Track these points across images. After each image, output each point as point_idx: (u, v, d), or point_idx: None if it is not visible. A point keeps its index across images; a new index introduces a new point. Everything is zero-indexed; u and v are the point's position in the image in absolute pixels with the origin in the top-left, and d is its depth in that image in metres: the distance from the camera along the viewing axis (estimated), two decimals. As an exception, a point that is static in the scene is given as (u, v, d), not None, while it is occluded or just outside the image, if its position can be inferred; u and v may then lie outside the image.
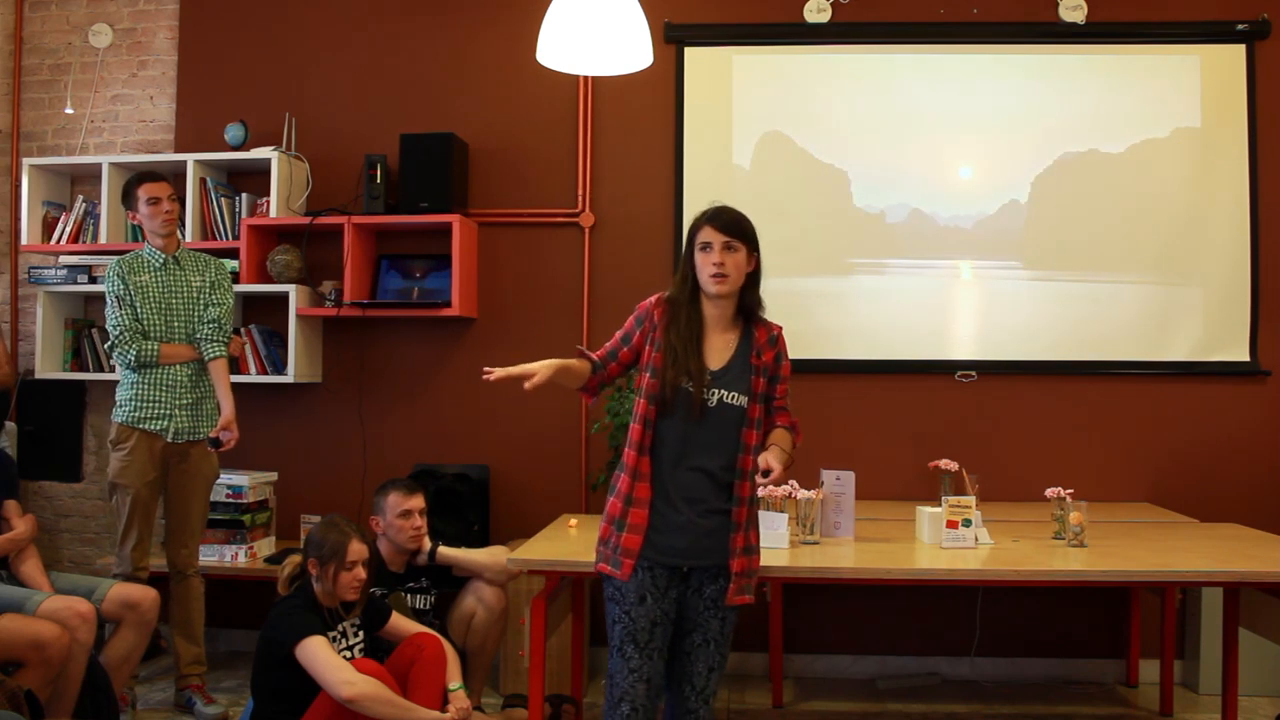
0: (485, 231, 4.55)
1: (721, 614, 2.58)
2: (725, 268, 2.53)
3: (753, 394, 2.55)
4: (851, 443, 4.34)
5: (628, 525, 2.52)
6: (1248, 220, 4.33)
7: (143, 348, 3.63)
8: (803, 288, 4.46)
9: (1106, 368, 4.37)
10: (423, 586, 3.50)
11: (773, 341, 2.61)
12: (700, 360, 2.53)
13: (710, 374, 2.52)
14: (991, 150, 4.42)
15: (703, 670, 2.57)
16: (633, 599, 2.51)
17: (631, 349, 2.62)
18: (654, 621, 2.51)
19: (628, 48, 3.05)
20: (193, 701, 3.70)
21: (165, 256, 3.74)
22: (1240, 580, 3.17)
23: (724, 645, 2.59)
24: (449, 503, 4.16)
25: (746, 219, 2.61)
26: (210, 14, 4.68)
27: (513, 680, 3.92)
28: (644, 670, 2.51)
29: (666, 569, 2.52)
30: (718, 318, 2.59)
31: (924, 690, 4.20)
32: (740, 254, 2.56)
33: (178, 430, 3.67)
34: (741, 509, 2.56)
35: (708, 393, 2.51)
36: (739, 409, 2.53)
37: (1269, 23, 4.34)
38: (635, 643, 2.51)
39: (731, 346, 2.58)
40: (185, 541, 3.75)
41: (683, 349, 2.51)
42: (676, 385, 2.50)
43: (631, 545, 2.51)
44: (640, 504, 2.52)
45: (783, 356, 2.63)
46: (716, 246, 2.54)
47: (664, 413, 2.52)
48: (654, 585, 2.51)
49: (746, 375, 2.55)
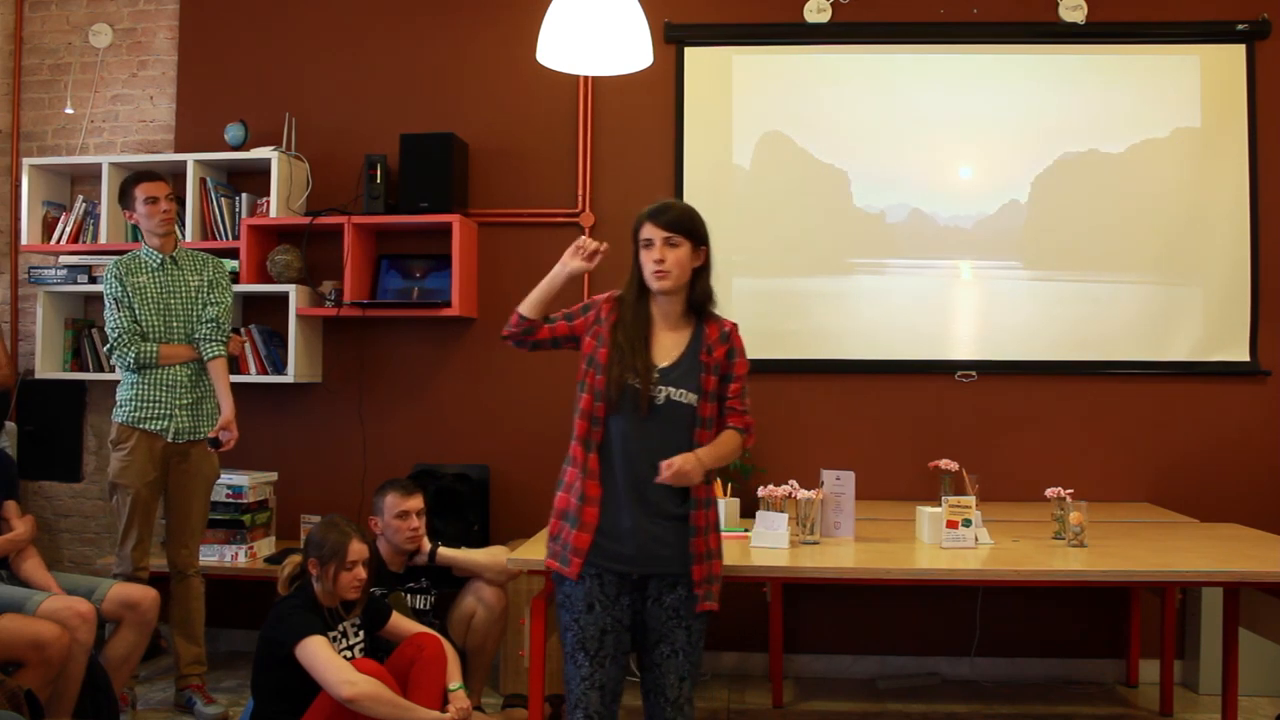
0: (485, 231, 4.55)
1: (687, 623, 2.52)
2: (666, 264, 2.48)
3: (703, 391, 2.50)
4: (851, 443, 4.34)
5: (580, 523, 2.48)
6: (1248, 220, 4.33)
7: (141, 349, 3.63)
8: (803, 288, 4.47)
9: (1106, 368, 4.37)
10: (423, 586, 3.50)
11: (724, 337, 2.56)
12: (647, 357, 2.49)
13: (658, 371, 2.49)
14: (991, 150, 4.42)
15: (674, 681, 2.52)
16: (581, 607, 2.48)
17: (570, 327, 2.59)
18: (603, 629, 2.47)
19: (628, 48, 3.05)
20: (193, 701, 3.69)
21: (163, 256, 3.74)
22: (1240, 580, 3.17)
23: (694, 654, 2.54)
24: (449, 503, 4.16)
25: (690, 213, 2.55)
26: (210, 14, 4.68)
27: (513, 680, 3.91)
28: (596, 678, 2.47)
29: (615, 575, 2.48)
30: (666, 314, 2.55)
31: (924, 690, 4.20)
32: (683, 249, 2.50)
33: (178, 430, 3.67)
34: (699, 512, 2.50)
35: (655, 390, 2.47)
36: (689, 407, 2.49)
37: (1269, 23, 4.34)
38: (585, 650, 2.48)
39: (682, 343, 2.54)
40: (185, 541, 3.75)
41: (629, 346, 2.48)
42: (623, 382, 2.46)
43: (581, 544, 2.47)
44: (591, 502, 2.49)
45: (736, 353, 2.57)
46: (657, 243, 2.49)
47: (612, 411, 2.48)
48: (602, 593, 2.48)
49: (696, 372, 2.50)
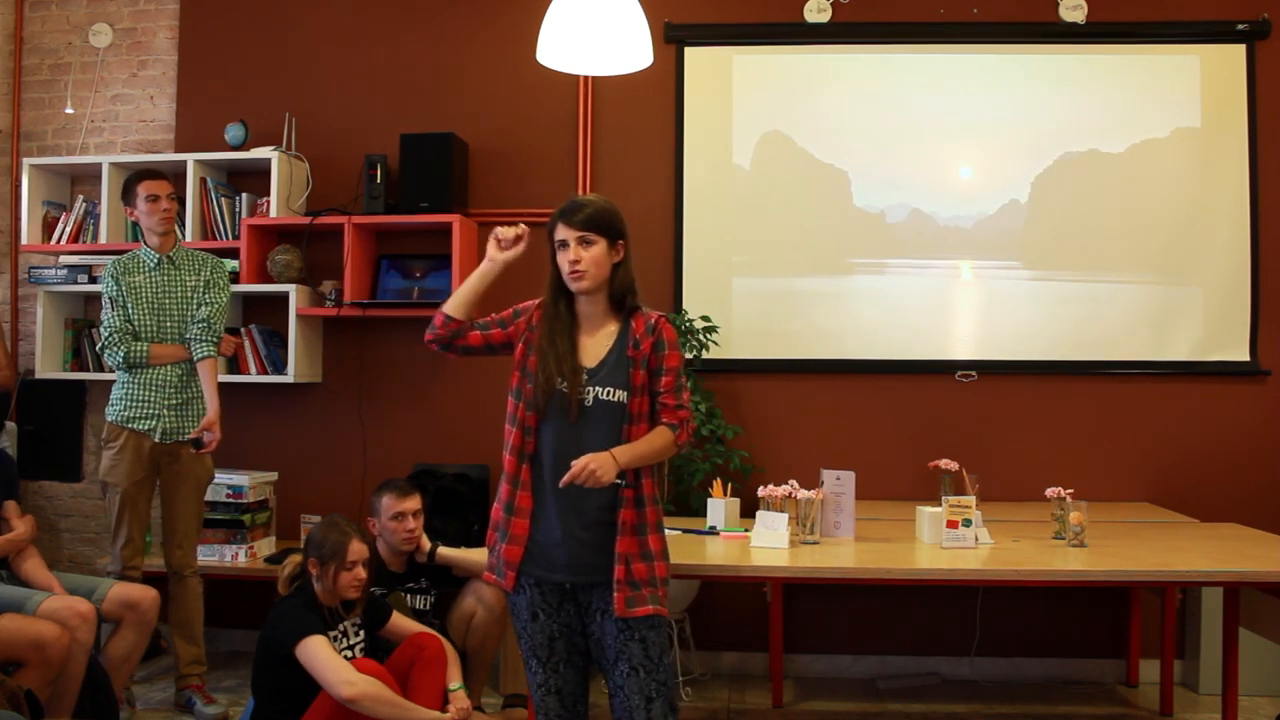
0: (485, 231, 4.53)
1: (639, 635, 2.38)
2: (582, 264, 2.41)
3: (632, 387, 2.42)
4: (851, 443, 4.34)
5: (509, 535, 2.42)
6: (1248, 220, 4.33)
7: (132, 348, 3.64)
8: (803, 288, 4.47)
9: (1106, 368, 4.37)
10: (422, 586, 3.50)
11: (650, 329, 2.46)
12: (575, 359, 2.42)
13: (586, 372, 2.42)
14: (991, 150, 4.42)
15: (640, 702, 2.39)
16: (526, 616, 2.45)
17: (505, 334, 2.52)
18: (551, 636, 2.44)
19: (628, 48, 3.05)
20: (193, 701, 3.69)
21: (160, 256, 3.74)
22: (1240, 580, 3.17)
23: (657, 670, 2.40)
24: (449, 503, 4.15)
25: (605, 209, 2.45)
26: (210, 14, 4.68)
27: (513, 680, 3.91)
28: (551, 683, 2.46)
29: (553, 585, 2.43)
30: (590, 315, 2.48)
31: (924, 690, 4.20)
32: (598, 246, 2.42)
33: (165, 430, 3.67)
34: (627, 510, 2.40)
35: (584, 391, 2.40)
36: (618, 405, 2.41)
37: (1269, 23, 4.34)
38: (537, 657, 2.46)
39: (609, 341, 2.46)
40: (180, 542, 3.75)
41: (553, 351, 2.42)
42: (551, 388, 2.39)
43: (512, 557, 2.42)
44: (521, 513, 2.43)
45: (665, 345, 2.45)
46: (571, 243, 2.41)
47: (542, 418, 2.42)
48: (544, 602, 2.43)
49: (624, 368, 2.42)
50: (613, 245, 2.46)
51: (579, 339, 2.47)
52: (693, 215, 4.48)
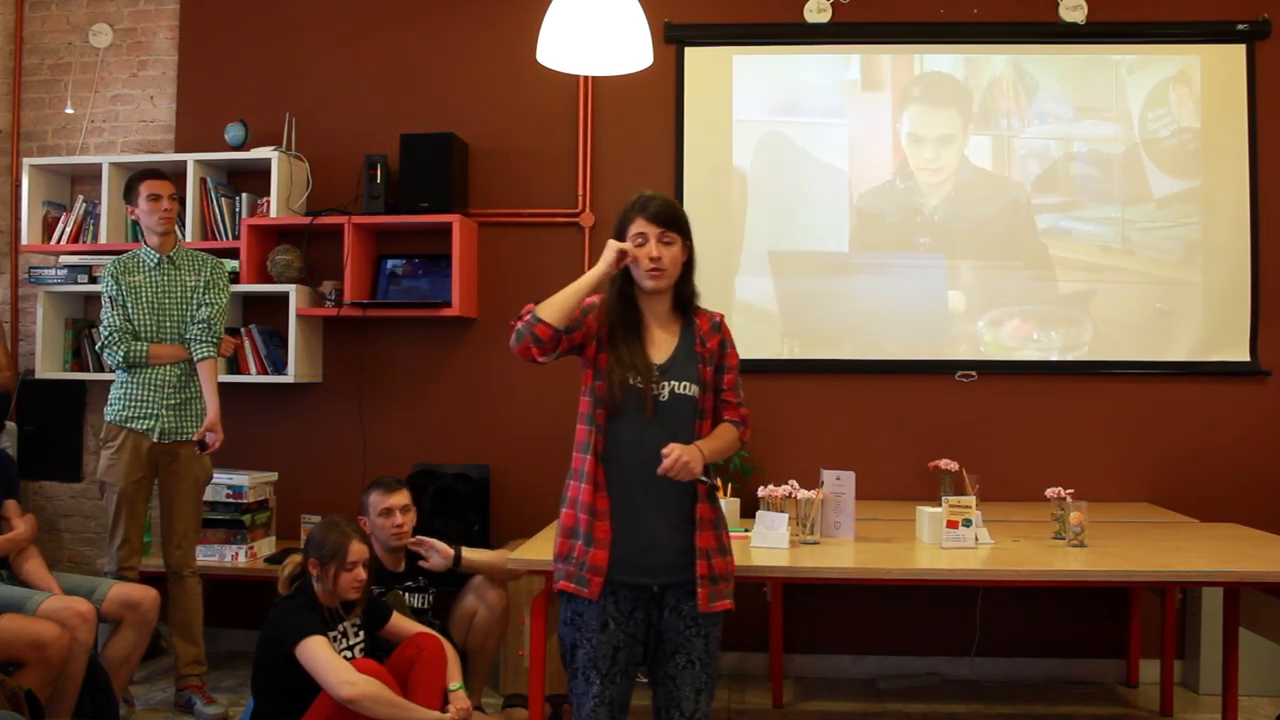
0: (485, 231, 4.55)
1: (704, 630, 2.41)
2: (662, 262, 2.39)
3: (702, 383, 2.43)
4: (851, 443, 4.34)
5: (595, 540, 2.37)
6: (1248, 220, 4.33)
7: (131, 348, 3.64)
8: (803, 287, 4.47)
9: (1106, 368, 4.37)
10: (421, 585, 3.50)
11: (715, 328, 2.48)
12: (645, 355, 2.41)
13: (657, 368, 2.41)
14: (992, 150, 4.42)
15: (690, 694, 2.40)
16: (594, 625, 2.38)
17: (581, 334, 2.42)
18: (616, 647, 2.39)
19: (628, 48, 3.05)
20: (193, 701, 3.70)
21: (160, 256, 3.74)
22: (1240, 580, 3.17)
23: (710, 664, 2.43)
24: (449, 503, 4.16)
25: (680, 207, 2.47)
26: (210, 14, 4.68)
27: (513, 680, 3.92)
28: (607, 694, 2.39)
29: (632, 590, 2.38)
30: (655, 312, 2.47)
31: (924, 690, 4.20)
32: (676, 245, 2.42)
33: (163, 430, 3.67)
34: (704, 506, 2.41)
35: (658, 387, 2.39)
36: (691, 399, 2.41)
37: (1269, 23, 4.34)
38: (598, 669, 2.38)
39: (674, 338, 2.46)
40: (179, 542, 3.75)
41: (626, 346, 2.40)
42: (626, 384, 2.37)
43: (599, 562, 2.36)
44: (602, 516, 2.38)
45: (728, 344, 2.49)
46: (652, 239, 2.39)
47: (616, 415, 2.39)
48: (617, 610, 2.38)
49: (693, 364, 2.43)
50: (685, 244, 2.47)
51: (647, 335, 2.46)
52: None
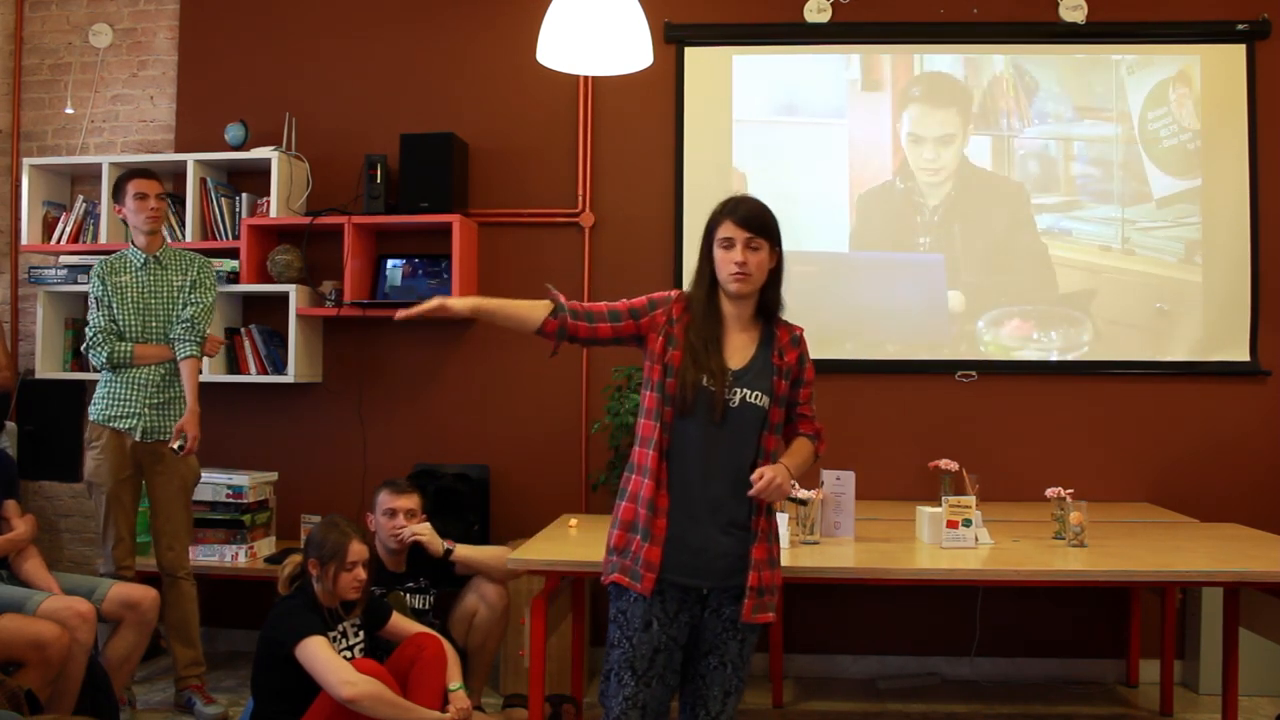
0: (485, 231, 4.55)
1: (740, 635, 2.42)
2: (748, 266, 2.36)
3: (774, 395, 2.41)
4: (851, 443, 4.32)
5: (651, 535, 2.35)
6: (1248, 220, 4.33)
7: (115, 348, 3.63)
8: (803, 288, 4.43)
9: (1106, 368, 4.37)
10: (422, 586, 3.50)
11: (795, 342, 2.47)
12: (721, 359, 2.38)
13: (731, 373, 2.38)
14: (992, 150, 4.41)
15: (718, 695, 2.41)
16: (638, 624, 2.36)
17: (637, 325, 2.44)
18: (656, 649, 2.36)
19: (628, 48, 3.05)
20: (192, 701, 3.69)
21: (147, 256, 3.73)
22: (1240, 580, 3.17)
23: (741, 668, 2.43)
24: (449, 503, 4.16)
25: (770, 212, 2.42)
26: (210, 14, 4.68)
27: (513, 680, 3.92)
28: (639, 698, 2.36)
29: (680, 590, 2.37)
30: (737, 316, 2.44)
31: (924, 690, 4.20)
32: (763, 251, 2.39)
33: (146, 429, 3.66)
34: (760, 519, 2.40)
35: (729, 392, 2.36)
36: (761, 410, 2.39)
37: (1269, 23, 4.34)
38: (633, 670, 2.36)
39: (752, 346, 2.44)
40: (171, 544, 3.73)
41: (703, 347, 2.37)
42: (698, 385, 2.35)
43: (654, 558, 2.34)
44: (661, 513, 2.36)
45: (805, 359, 2.48)
46: (739, 243, 2.37)
47: (682, 414, 2.36)
48: (663, 610, 2.36)
49: (768, 375, 2.41)
50: (773, 251, 2.44)
51: (725, 339, 2.43)
52: (693, 215, 4.47)
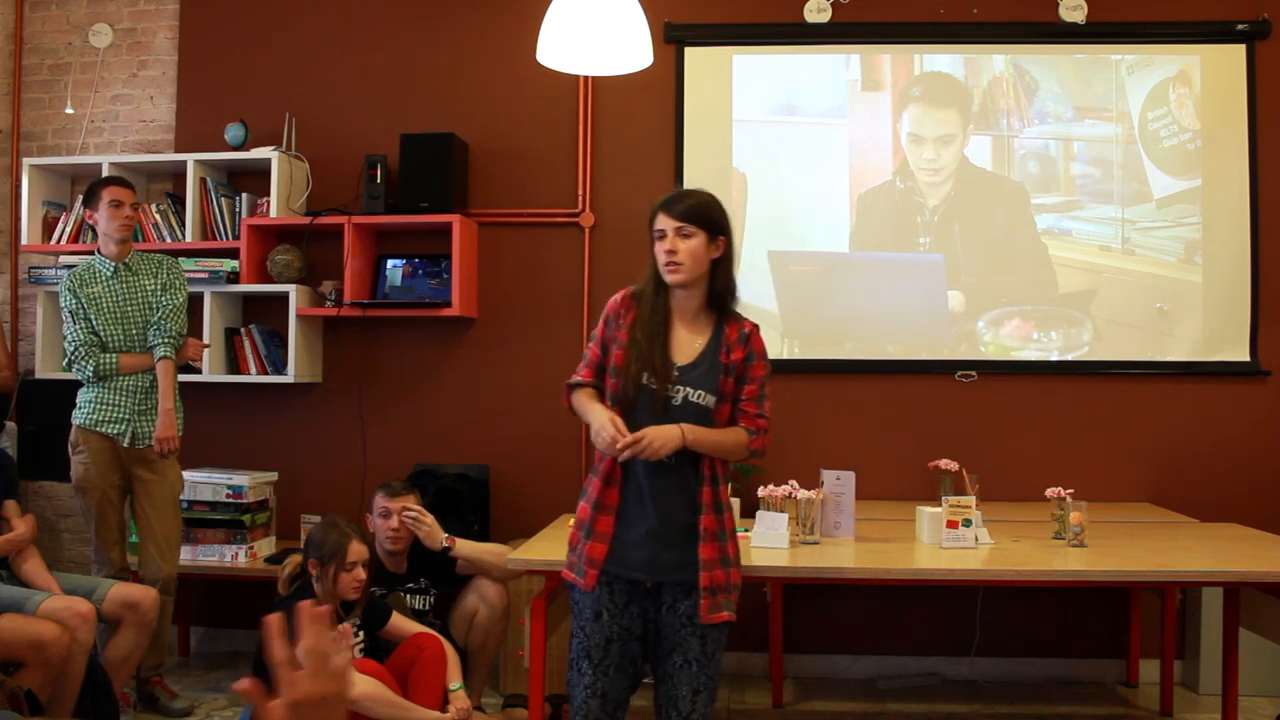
0: (485, 231, 4.55)
1: (700, 632, 2.41)
2: (679, 255, 2.39)
3: (721, 394, 2.41)
4: (851, 443, 4.34)
5: (594, 532, 2.42)
6: (1248, 220, 4.33)
7: (100, 361, 3.61)
8: (803, 287, 4.47)
9: (1106, 368, 4.37)
10: (422, 586, 3.50)
11: (743, 339, 2.45)
12: (666, 354, 2.40)
13: (677, 369, 2.40)
14: (992, 149, 4.42)
15: (687, 694, 2.41)
16: (589, 614, 2.43)
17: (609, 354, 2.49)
18: (609, 638, 2.41)
19: (628, 48, 3.05)
20: (155, 697, 3.69)
21: (116, 264, 3.71)
22: (1240, 580, 3.17)
23: (709, 665, 2.43)
24: (449, 503, 4.16)
25: (706, 202, 2.44)
26: (210, 14, 4.68)
27: (513, 680, 3.91)
28: (598, 686, 2.42)
29: (627, 583, 2.41)
30: (684, 310, 2.45)
31: (924, 690, 4.20)
32: (697, 239, 2.40)
33: (135, 435, 3.65)
34: (708, 517, 2.41)
35: (672, 389, 2.38)
36: (705, 408, 2.39)
37: (1269, 23, 4.34)
38: (590, 658, 2.42)
39: (701, 342, 2.44)
40: (164, 554, 3.69)
41: (647, 343, 2.39)
42: (639, 381, 2.38)
43: (596, 554, 2.41)
44: (607, 510, 2.42)
45: (755, 356, 2.45)
46: (670, 233, 2.40)
47: (628, 412, 2.38)
48: (611, 601, 2.42)
49: (715, 373, 2.41)
50: (713, 240, 2.43)
51: (672, 334, 2.44)
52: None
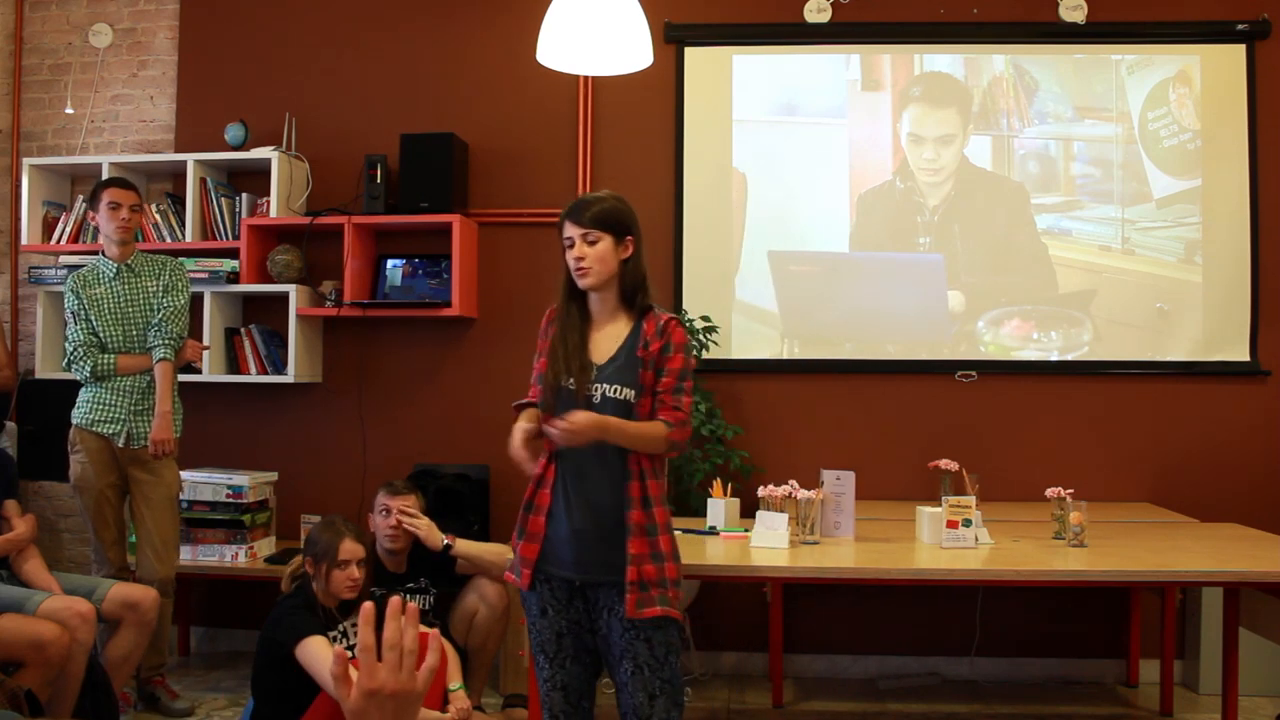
0: (485, 231, 4.55)
1: (644, 635, 2.38)
2: (586, 261, 2.43)
3: (640, 387, 2.42)
4: (851, 443, 4.34)
5: (527, 533, 2.46)
6: (1248, 220, 4.33)
7: (99, 361, 3.62)
8: (803, 287, 4.47)
9: (1106, 368, 4.37)
10: (422, 586, 3.50)
11: (660, 331, 2.45)
12: (584, 356, 2.45)
13: (595, 368, 2.44)
14: (991, 149, 4.42)
15: (644, 699, 2.39)
16: (535, 611, 2.47)
17: None
18: (559, 632, 2.46)
19: (628, 48, 3.05)
20: (156, 697, 3.70)
21: (118, 265, 3.72)
22: (1240, 580, 3.16)
23: (662, 669, 2.40)
24: (449, 503, 4.16)
25: (610, 205, 2.47)
26: (210, 14, 4.68)
27: (513, 680, 3.91)
28: (557, 679, 2.47)
29: (562, 581, 2.44)
30: (601, 312, 2.50)
31: (924, 690, 4.20)
32: (603, 243, 2.43)
33: (131, 435, 3.65)
34: (636, 512, 2.40)
35: (591, 388, 2.42)
36: (625, 403, 2.41)
37: (1269, 23, 4.34)
38: (545, 653, 2.47)
39: (619, 339, 2.47)
40: (162, 556, 3.69)
41: (564, 347, 2.45)
42: (558, 384, 2.43)
43: (528, 554, 2.45)
44: (539, 511, 2.46)
45: (671, 348, 2.44)
46: (576, 240, 2.44)
47: (551, 415, 2.40)
48: (553, 598, 2.45)
49: (634, 368, 2.43)
50: (619, 241, 2.46)
51: (590, 336, 2.49)
52: (693, 215, 4.48)
